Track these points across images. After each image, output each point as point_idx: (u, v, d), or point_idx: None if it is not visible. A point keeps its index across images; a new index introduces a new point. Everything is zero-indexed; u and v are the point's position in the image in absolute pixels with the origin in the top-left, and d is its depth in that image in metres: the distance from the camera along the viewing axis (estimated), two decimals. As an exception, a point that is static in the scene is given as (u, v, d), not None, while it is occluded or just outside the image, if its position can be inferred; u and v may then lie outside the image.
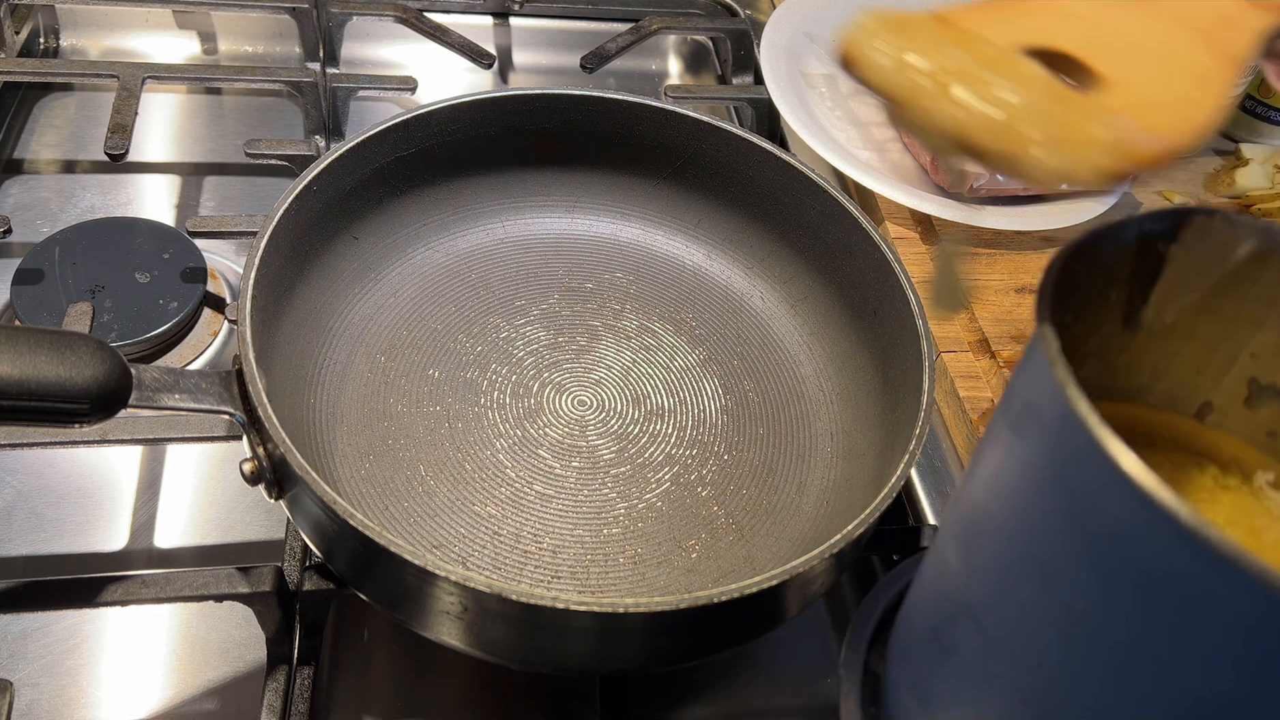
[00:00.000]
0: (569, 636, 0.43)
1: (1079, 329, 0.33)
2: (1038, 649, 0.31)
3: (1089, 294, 0.33)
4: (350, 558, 0.45)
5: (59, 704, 0.50)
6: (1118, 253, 0.33)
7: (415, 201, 0.62)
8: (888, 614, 0.46)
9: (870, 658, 0.45)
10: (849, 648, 0.45)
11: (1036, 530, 0.29)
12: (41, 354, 0.38)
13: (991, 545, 0.32)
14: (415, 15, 0.85)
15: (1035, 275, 0.72)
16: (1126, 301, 0.35)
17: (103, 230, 0.68)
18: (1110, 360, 0.37)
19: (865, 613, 0.46)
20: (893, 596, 0.47)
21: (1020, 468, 0.30)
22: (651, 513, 0.54)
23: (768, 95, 0.78)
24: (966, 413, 0.64)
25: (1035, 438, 0.29)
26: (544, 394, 0.58)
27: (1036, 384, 0.28)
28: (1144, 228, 0.33)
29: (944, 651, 0.36)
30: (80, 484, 0.58)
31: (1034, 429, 0.29)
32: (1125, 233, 0.33)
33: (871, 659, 0.44)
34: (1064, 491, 0.28)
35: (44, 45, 0.87)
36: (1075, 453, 0.26)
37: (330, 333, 0.58)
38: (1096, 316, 0.35)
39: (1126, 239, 0.33)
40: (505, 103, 0.61)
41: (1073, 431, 0.26)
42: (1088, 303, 0.33)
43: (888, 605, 0.47)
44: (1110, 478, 0.25)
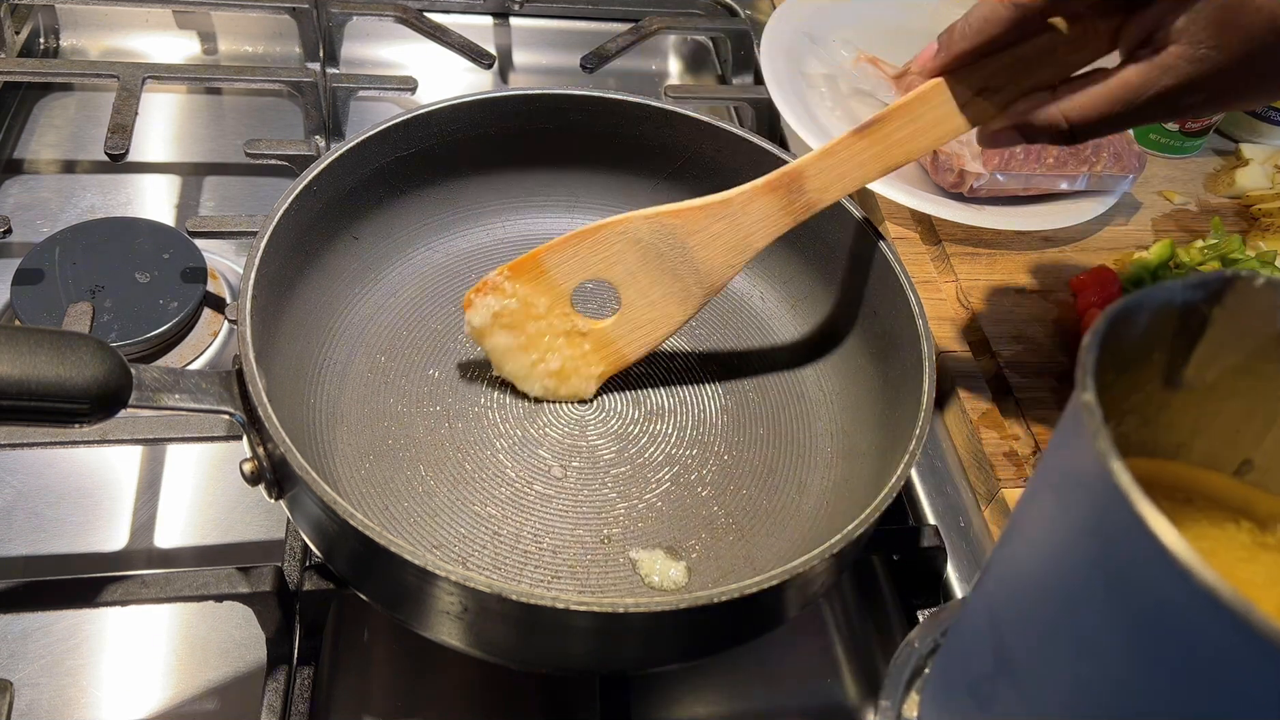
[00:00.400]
0: (569, 636, 0.43)
1: (1120, 387, 0.34)
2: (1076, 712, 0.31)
3: (1131, 354, 0.33)
4: (350, 558, 0.45)
5: (59, 704, 0.50)
6: (1161, 315, 0.33)
7: (415, 201, 0.62)
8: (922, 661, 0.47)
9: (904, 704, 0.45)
10: (885, 695, 0.45)
11: (1077, 597, 0.29)
12: (41, 354, 0.38)
13: (1030, 608, 0.33)
14: (415, 15, 0.85)
15: (1035, 275, 0.72)
16: (1168, 361, 0.35)
17: (103, 230, 0.68)
18: (1150, 417, 0.37)
19: (901, 660, 0.47)
20: (929, 644, 0.47)
21: (1061, 535, 0.30)
22: (651, 513, 0.54)
23: (768, 95, 0.78)
24: (967, 413, 0.64)
25: (1077, 506, 0.29)
26: (544, 394, 0.58)
27: (1078, 453, 0.28)
28: (1188, 292, 0.33)
29: (980, 705, 0.36)
30: (80, 484, 0.58)
31: (1075, 497, 0.29)
32: (1170, 296, 0.33)
33: (905, 706, 0.45)
34: (1105, 562, 0.28)
35: (44, 45, 0.87)
36: (1117, 525, 0.26)
37: (330, 333, 0.58)
38: (1138, 375, 0.35)
39: (1171, 302, 0.33)
40: (505, 103, 0.61)
41: (1115, 504, 0.26)
42: (1129, 362, 0.34)
43: (923, 653, 0.47)
44: (1152, 551, 0.25)
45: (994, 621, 0.35)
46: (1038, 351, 0.67)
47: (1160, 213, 0.81)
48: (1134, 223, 0.79)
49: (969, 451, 0.63)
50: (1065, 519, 0.30)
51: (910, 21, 0.92)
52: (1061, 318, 0.70)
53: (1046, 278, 0.72)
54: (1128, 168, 0.76)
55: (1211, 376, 0.36)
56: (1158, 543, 0.25)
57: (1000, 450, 0.61)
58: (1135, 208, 0.80)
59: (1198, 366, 0.35)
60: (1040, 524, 0.32)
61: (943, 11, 0.93)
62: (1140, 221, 0.79)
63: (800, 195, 0.51)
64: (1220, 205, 0.82)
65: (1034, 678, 0.33)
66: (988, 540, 0.60)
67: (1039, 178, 0.74)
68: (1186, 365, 0.35)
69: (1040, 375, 0.65)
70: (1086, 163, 0.74)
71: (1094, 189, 0.76)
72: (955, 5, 0.93)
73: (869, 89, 0.81)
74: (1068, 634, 0.30)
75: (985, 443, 0.62)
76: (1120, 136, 0.76)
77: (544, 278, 0.54)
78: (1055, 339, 0.68)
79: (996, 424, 0.63)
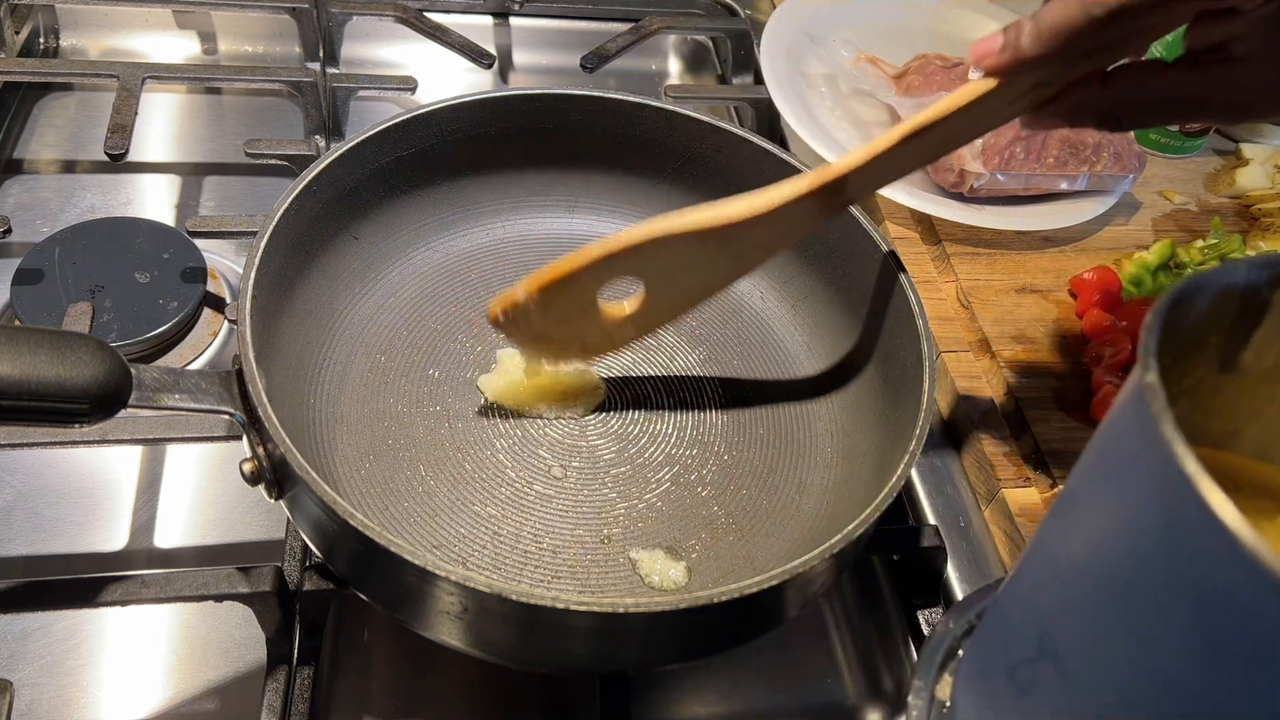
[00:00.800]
0: (569, 636, 0.43)
1: (1175, 370, 0.33)
2: (1125, 699, 0.30)
3: (1189, 336, 0.33)
4: (350, 558, 0.45)
5: (59, 704, 0.50)
6: (1223, 296, 0.33)
7: (415, 201, 0.62)
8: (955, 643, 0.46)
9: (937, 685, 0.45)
10: (918, 675, 0.45)
11: (1132, 582, 0.29)
12: (41, 354, 0.38)
13: (1080, 593, 0.32)
14: (415, 15, 0.85)
15: (1035, 275, 0.72)
16: (1225, 345, 0.35)
17: (103, 230, 0.68)
18: (1203, 401, 0.36)
19: (935, 641, 0.46)
20: (963, 626, 0.47)
21: (1116, 519, 0.30)
22: (651, 513, 0.54)
23: (768, 95, 0.78)
24: (966, 413, 0.64)
25: (1134, 490, 0.28)
26: (544, 394, 0.58)
27: (1137, 436, 0.28)
28: (1253, 273, 0.33)
29: (1020, 689, 0.36)
30: (80, 484, 0.58)
31: (1132, 480, 0.28)
32: (1233, 277, 0.32)
33: (939, 687, 0.45)
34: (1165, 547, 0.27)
35: (44, 45, 0.87)
36: (1179, 509, 0.26)
37: (330, 333, 0.58)
38: (1194, 358, 0.34)
39: (1234, 283, 0.33)
40: (505, 103, 0.61)
41: (1178, 488, 0.25)
42: (1186, 345, 0.33)
43: (957, 634, 0.47)
44: (1216, 536, 0.24)
45: (1037, 605, 0.35)
46: (1038, 351, 0.67)
47: (1160, 213, 0.81)
48: (1134, 223, 0.79)
49: (969, 451, 0.63)
50: (1121, 504, 0.29)
51: (910, 21, 0.92)
52: (1061, 318, 0.70)
53: (1046, 278, 0.72)
54: (1128, 168, 0.76)
55: (1269, 362, 0.35)
56: (1223, 527, 0.24)
57: (1000, 450, 0.61)
58: (1135, 208, 0.80)
59: (1256, 351, 0.35)
60: (1093, 509, 0.31)
61: (943, 11, 0.93)
62: (1140, 221, 0.79)
63: (840, 195, 0.50)
64: (1220, 205, 0.82)
65: (1080, 663, 0.32)
66: (988, 540, 0.60)
67: (1039, 178, 0.74)
68: (1244, 349, 0.35)
69: (1040, 375, 0.65)
70: (1086, 163, 0.74)
71: (1094, 189, 0.76)
72: (955, 5, 0.93)
73: (869, 89, 0.81)
74: (1120, 620, 0.30)
75: (985, 443, 0.62)
76: (1120, 136, 0.76)
77: (576, 286, 0.51)
78: (1055, 339, 0.68)
79: (996, 424, 0.63)
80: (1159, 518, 0.27)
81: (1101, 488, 0.31)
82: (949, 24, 0.92)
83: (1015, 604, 0.38)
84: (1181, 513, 0.26)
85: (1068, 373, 0.65)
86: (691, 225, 0.49)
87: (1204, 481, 0.25)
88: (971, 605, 0.48)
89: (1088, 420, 0.62)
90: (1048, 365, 0.66)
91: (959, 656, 0.45)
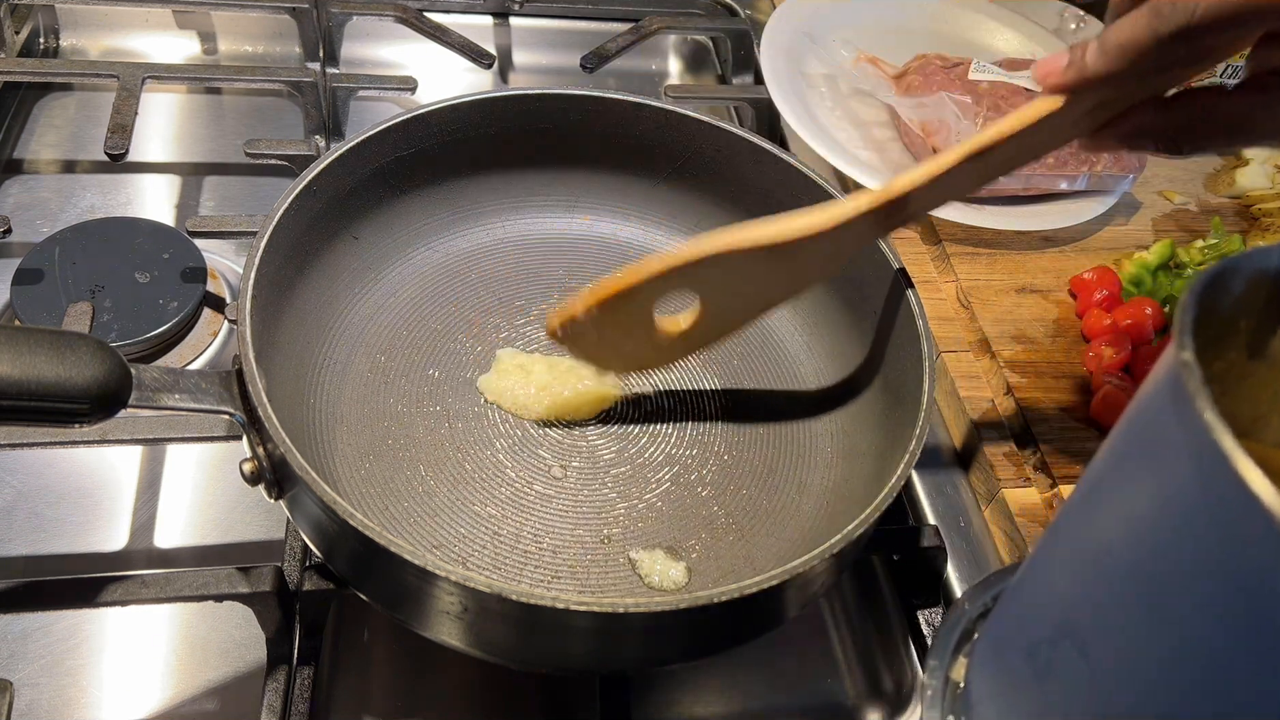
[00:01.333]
0: (569, 636, 0.43)
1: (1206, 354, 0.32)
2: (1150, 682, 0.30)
3: (1218, 320, 0.32)
4: (350, 558, 0.45)
5: (59, 704, 0.50)
6: (1256, 280, 0.32)
7: (415, 201, 0.62)
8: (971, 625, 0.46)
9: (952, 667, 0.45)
10: (932, 655, 0.45)
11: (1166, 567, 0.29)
12: (41, 354, 0.38)
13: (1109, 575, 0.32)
14: (415, 15, 0.85)
15: (1035, 275, 0.72)
16: (1255, 330, 0.34)
17: (103, 230, 0.68)
18: (1230, 387, 0.36)
19: (950, 623, 0.46)
20: (979, 608, 0.47)
21: (1152, 501, 0.29)
22: (651, 513, 0.54)
23: (768, 95, 0.78)
24: (967, 413, 0.64)
25: (1170, 471, 0.28)
26: (544, 394, 0.58)
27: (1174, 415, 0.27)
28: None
29: (1038, 671, 0.36)
30: (80, 484, 0.58)
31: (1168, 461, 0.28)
32: (1266, 262, 0.32)
33: (953, 668, 0.45)
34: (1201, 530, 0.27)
35: (44, 45, 0.87)
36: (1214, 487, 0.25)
37: (330, 333, 0.58)
38: (1223, 343, 0.34)
39: (1266, 268, 0.32)
40: (505, 103, 0.61)
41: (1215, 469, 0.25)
42: (1216, 329, 0.33)
43: (973, 616, 0.47)
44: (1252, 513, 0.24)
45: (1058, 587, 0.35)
46: (1038, 351, 0.67)
47: (1160, 213, 0.81)
48: (1134, 223, 0.79)
49: (969, 451, 0.63)
50: (1153, 483, 0.29)
51: (910, 21, 0.92)
52: (1061, 318, 0.70)
53: (1046, 278, 0.72)
54: (1128, 167, 0.76)
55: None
56: (1260, 506, 0.24)
57: (1000, 450, 0.61)
58: (1135, 208, 0.80)
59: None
60: (1123, 489, 0.31)
61: (943, 11, 0.93)
62: (1140, 221, 0.79)
63: (900, 213, 0.49)
64: (1220, 205, 0.82)
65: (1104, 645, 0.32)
66: (988, 540, 0.60)
67: (1039, 178, 0.74)
68: (1274, 337, 0.34)
69: (1040, 375, 0.65)
70: (1086, 163, 0.74)
71: (1094, 189, 0.76)
72: (955, 5, 0.93)
73: (869, 89, 0.81)
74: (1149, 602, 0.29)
75: (985, 443, 0.62)
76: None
77: (633, 300, 0.51)
78: (1055, 339, 0.68)
79: (996, 424, 0.63)
80: (1193, 497, 0.27)
81: (1133, 467, 0.31)
82: (949, 24, 0.92)
83: (1035, 586, 0.38)
84: (1217, 492, 0.25)
85: (1068, 373, 0.65)
86: (752, 241, 0.49)
87: (1241, 459, 0.24)
88: (988, 588, 0.48)
89: (1088, 420, 0.62)
90: (1048, 365, 0.66)
91: (974, 639, 0.45)
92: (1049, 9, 0.98)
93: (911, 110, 0.76)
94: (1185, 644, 0.28)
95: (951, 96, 0.75)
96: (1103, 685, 0.32)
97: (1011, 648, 0.39)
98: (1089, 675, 0.33)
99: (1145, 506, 0.30)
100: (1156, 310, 0.67)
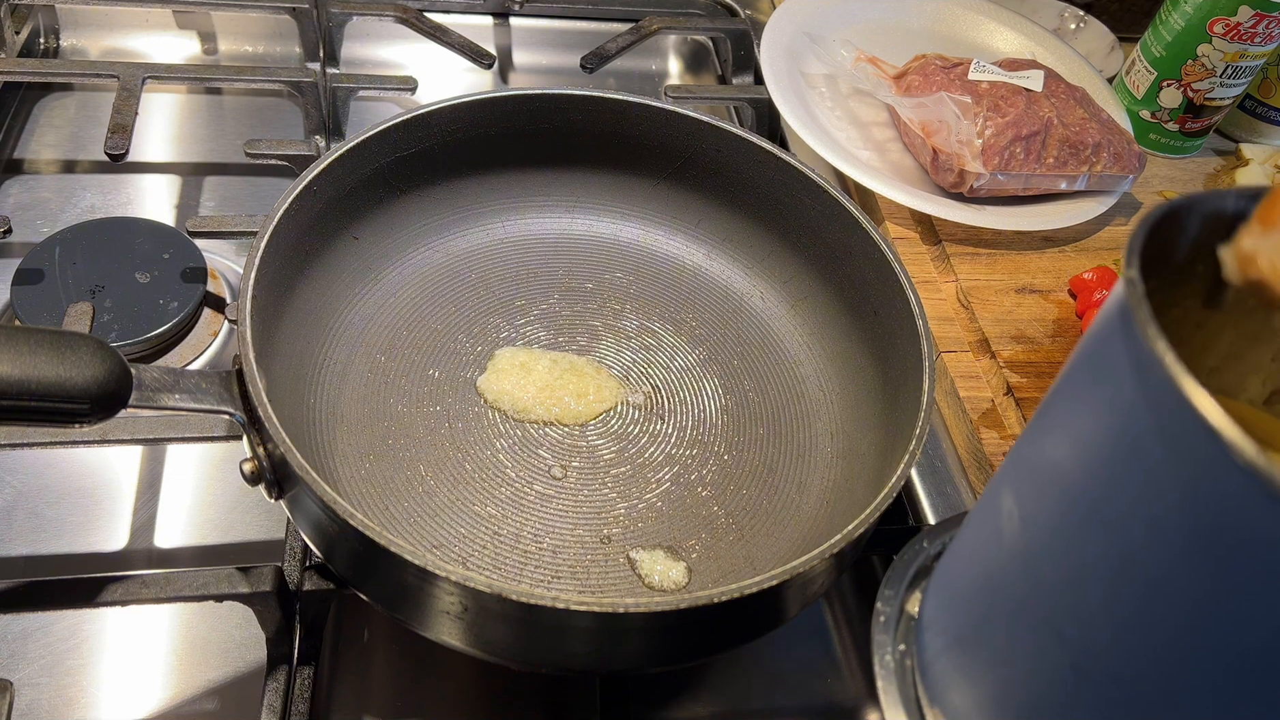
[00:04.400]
0: (569, 636, 0.43)
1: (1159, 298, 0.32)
2: (1098, 599, 0.30)
3: (1174, 262, 0.32)
4: (350, 558, 0.45)
5: (59, 704, 0.50)
6: (1211, 221, 0.32)
7: (415, 201, 0.62)
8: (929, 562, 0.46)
9: (907, 600, 0.45)
10: (888, 584, 0.45)
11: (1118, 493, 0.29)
12: (41, 354, 0.38)
13: (1063, 504, 0.32)
14: (415, 15, 0.85)
15: (1035, 275, 0.72)
16: (1212, 277, 0.33)
17: (103, 230, 0.68)
18: (1186, 336, 0.35)
19: (908, 556, 0.46)
20: (937, 547, 0.47)
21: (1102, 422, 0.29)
22: (651, 513, 0.54)
23: (768, 95, 0.78)
24: (967, 413, 0.64)
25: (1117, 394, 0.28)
26: (544, 394, 0.58)
27: (1122, 336, 0.27)
28: (1242, 201, 0.32)
29: (987, 594, 0.36)
30: (80, 484, 0.58)
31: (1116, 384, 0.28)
32: (1221, 202, 0.31)
33: (908, 601, 0.45)
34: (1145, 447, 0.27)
35: (44, 45, 0.87)
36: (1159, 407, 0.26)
37: (330, 333, 0.58)
38: (1179, 290, 0.33)
39: (1222, 209, 0.31)
40: (505, 103, 0.61)
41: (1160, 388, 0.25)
42: (1171, 272, 0.32)
43: (931, 554, 0.46)
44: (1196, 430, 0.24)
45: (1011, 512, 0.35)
46: (1038, 351, 0.67)
47: (1160, 213, 0.80)
48: (1134, 223, 0.79)
49: (969, 451, 0.63)
50: (1099, 403, 0.29)
51: (910, 21, 0.92)
52: (1061, 318, 0.70)
53: (1046, 278, 0.72)
54: (1128, 168, 0.76)
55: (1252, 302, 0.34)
56: (1203, 420, 0.24)
57: (1000, 450, 0.61)
58: (1135, 208, 0.80)
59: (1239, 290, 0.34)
60: (1076, 416, 0.31)
61: (943, 11, 0.93)
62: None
63: None
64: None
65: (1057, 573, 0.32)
66: (988, 540, 0.60)
67: (1039, 178, 0.74)
68: (1229, 286, 0.34)
69: (1040, 375, 0.65)
70: (1086, 163, 0.74)
71: (1094, 189, 0.76)
72: (955, 5, 0.93)
73: (869, 89, 0.81)
74: (1102, 530, 0.29)
75: (985, 443, 0.62)
76: (1120, 136, 0.76)
77: None
78: (1055, 339, 0.68)
79: (996, 424, 0.63)
80: (1138, 414, 0.27)
81: (1082, 389, 0.31)
82: (949, 24, 0.92)
83: (988, 512, 0.38)
84: (1160, 407, 0.26)
85: (1068, 373, 0.65)
86: None
87: (1181, 373, 0.25)
88: (948, 529, 0.48)
89: (1088, 420, 0.62)
90: (1048, 365, 0.66)
91: (931, 576, 0.45)
92: (1049, 9, 0.98)
93: (911, 110, 0.76)
94: (1135, 563, 0.28)
95: (951, 96, 0.75)
96: (1050, 604, 0.32)
97: (963, 574, 0.39)
98: (1036, 594, 0.33)
99: (1094, 426, 0.30)
100: (1156, 310, 0.67)
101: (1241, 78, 0.80)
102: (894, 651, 0.43)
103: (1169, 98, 0.83)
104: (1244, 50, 0.78)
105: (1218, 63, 0.79)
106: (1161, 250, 0.30)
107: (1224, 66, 0.79)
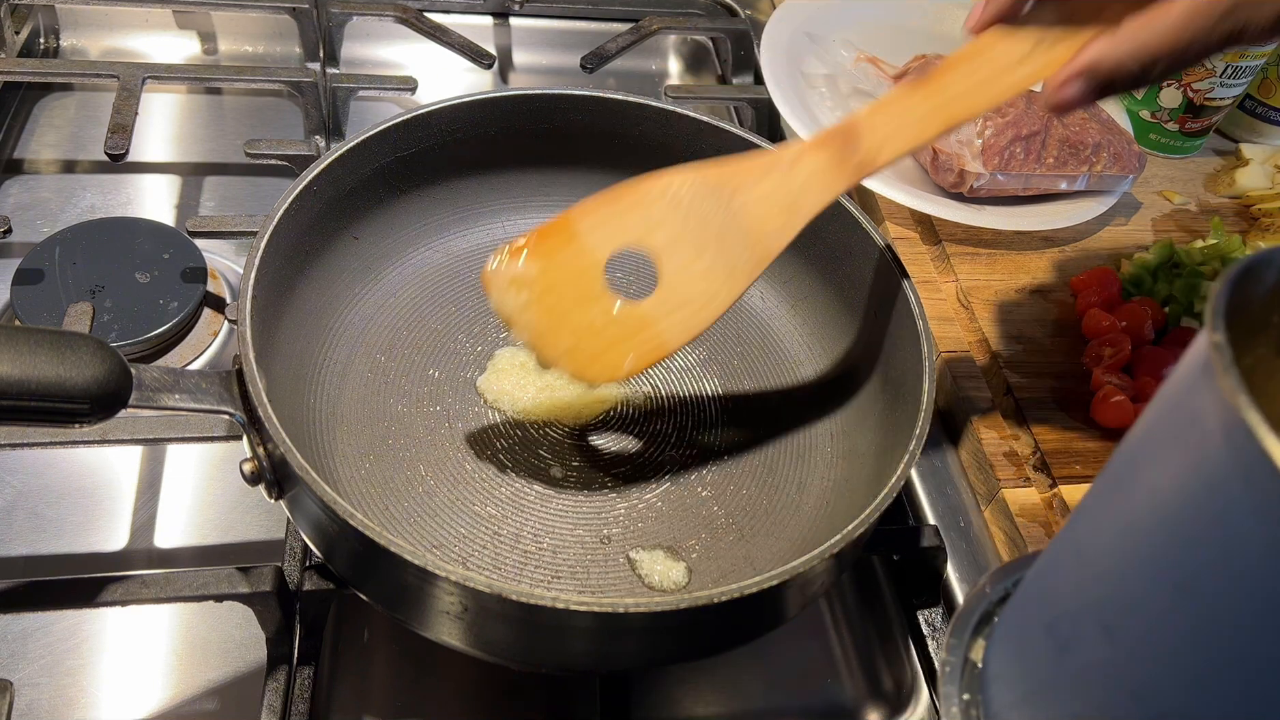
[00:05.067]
0: (569, 636, 0.43)
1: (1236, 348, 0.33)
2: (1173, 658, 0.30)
3: (1249, 314, 0.32)
4: (350, 558, 0.45)
5: (59, 704, 0.50)
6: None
7: (415, 201, 0.62)
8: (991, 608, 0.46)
9: (970, 648, 0.45)
10: (953, 634, 0.45)
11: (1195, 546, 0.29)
12: (41, 354, 0.38)
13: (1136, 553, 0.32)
14: (415, 15, 0.85)
15: (1035, 275, 0.72)
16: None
17: (103, 230, 0.68)
18: (1259, 385, 0.35)
19: (972, 604, 0.46)
20: (1000, 592, 0.47)
21: (1182, 482, 0.30)
22: (651, 513, 0.54)
23: (768, 95, 0.78)
24: (966, 412, 0.64)
25: (1201, 452, 0.28)
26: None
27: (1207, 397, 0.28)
28: None
29: (1060, 646, 0.36)
30: (80, 484, 0.58)
31: (1199, 442, 0.28)
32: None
33: (972, 649, 0.45)
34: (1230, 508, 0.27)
35: (44, 45, 0.87)
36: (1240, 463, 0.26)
37: (330, 333, 0.58)
38: (1253, 339, 0.34)
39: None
40: (505, 103, 0.61)
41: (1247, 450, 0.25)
42: (1246, 323, 0.32)
43: (994, 600, 0.47)
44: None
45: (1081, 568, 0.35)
46: (1038, 351, 0.67)
47: (1160, 213, 0.81)
48: (1134, 223, 0.79)
49: (969, 451, 0.63)
50: (1180, 463, 0.29)
51: (910, 21, 0.92)
52: (1061, 318, 0.70)
53: (1046, 278, 0.72)
54: (1128, 168, 0.76)
55: None
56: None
57: (1000, 450, 0.61)
58: (1135, 208, 0.80)
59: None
60: (1150, 469, 0.31)
61: (943, 11, 0.93)
62: (1140, 221, 0.79)
63: (853, 153, 0.47)
64: (1220, 205, 0.82)
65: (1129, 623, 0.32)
66: (988, 540, 0.60)
67: (1039, 178, 0.74)
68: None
69: (1040, 375, 0.65)
70: (1086, 163, 0.74)
71: (1094, 189, 0.76)
72: (955, 5, 0.93)
73: (869, 89, 0.81)
74: (1177, 579, 0.30)
75: (985, 443, 0.62)
76: (1120, 136, 0.76)
77: (574, 244, 0.48)
78: (1055, 339, 0.68)
79: (996, 424, 0.63)
80: (1222, 477, 0.27)
81: (1162, 447, 0.31)
82: (949, 24, 0.92)
83: (1059, 564, 0.38)
84: (1245, 470, 0.26)
85: (1068, 373, 0.65)
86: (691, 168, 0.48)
87: (1268, 436, 0.25)
88: (1011, 573, 0.48)
89: (1087, 420, 0.62)
90: (1048, 365, 0.66)
91: (994, 622, 0.45)
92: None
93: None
94: (1212, 623, 0.28)
95: (951, 96, 0.74)
96: (1125, 662, 0.33)
97: (1033, 625, 0.39)
98: (1111, 652, 0.33)
99: (1173, 485, 0.30)
100: (1156, 310, 0.67)
101: (1241, 78, 0.80)
102: (959, 702, 0.42)
103: (1169, 98, 0.83)
104: (1244, 50, 0.78)
105: (1217, 62, 0.79)
106: (1238, 303, 0.31)
107: (1224, 66, 0.79)
